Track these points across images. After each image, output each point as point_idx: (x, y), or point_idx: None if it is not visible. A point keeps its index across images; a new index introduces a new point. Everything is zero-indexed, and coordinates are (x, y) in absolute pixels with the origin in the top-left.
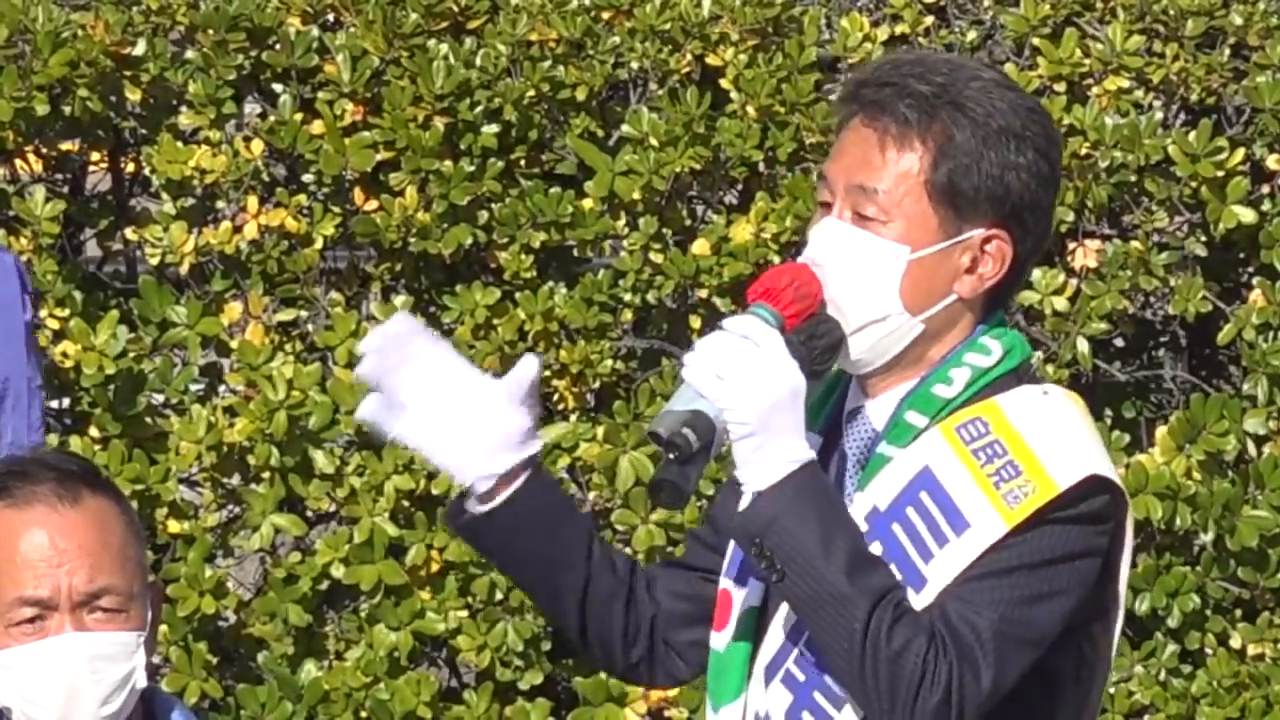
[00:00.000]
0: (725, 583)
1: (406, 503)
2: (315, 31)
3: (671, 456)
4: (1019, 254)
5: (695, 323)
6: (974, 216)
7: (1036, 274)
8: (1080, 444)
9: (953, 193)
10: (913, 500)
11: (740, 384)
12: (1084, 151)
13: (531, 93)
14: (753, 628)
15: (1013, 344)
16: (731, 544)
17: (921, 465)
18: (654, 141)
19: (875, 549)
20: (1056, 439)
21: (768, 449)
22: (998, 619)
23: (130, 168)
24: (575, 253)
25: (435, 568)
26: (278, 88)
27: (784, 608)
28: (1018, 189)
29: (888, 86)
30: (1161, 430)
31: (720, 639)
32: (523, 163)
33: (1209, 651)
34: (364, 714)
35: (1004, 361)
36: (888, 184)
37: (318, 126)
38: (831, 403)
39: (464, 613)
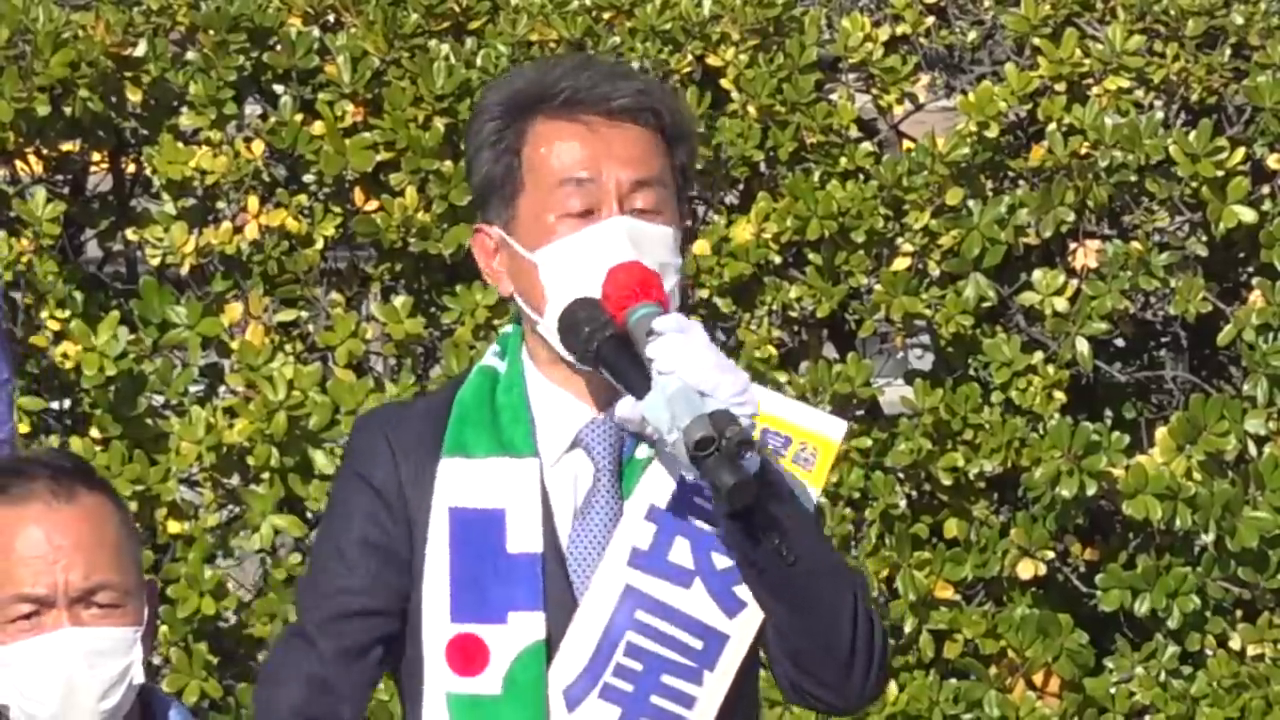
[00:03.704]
0: (462, 628)
1: None
2: (316, 32)
3: (744, 452)
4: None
5: None
6: (687, 195)
7: (1037, 274)
8: (791, 400)
9: (685, 172)
10: (697, 490)
11: (737, 375)
12: (1084, 151)
13: None
14: (544, 660)
15: None
16: (448, 584)
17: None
18: None
19: (681, 545)
20: (778, 401)
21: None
22: (858, 570)
23: (131, 168)
24: None
25: None
26: (278, 88)
27: (576, 628)
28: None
29: (620, 86)
30: (1162, 431)
31: (480, 684)
32: None
33: (1209, 652)
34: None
35: None
36: (660, 175)
37: (318, 127)
38: (528, 419)
39: None
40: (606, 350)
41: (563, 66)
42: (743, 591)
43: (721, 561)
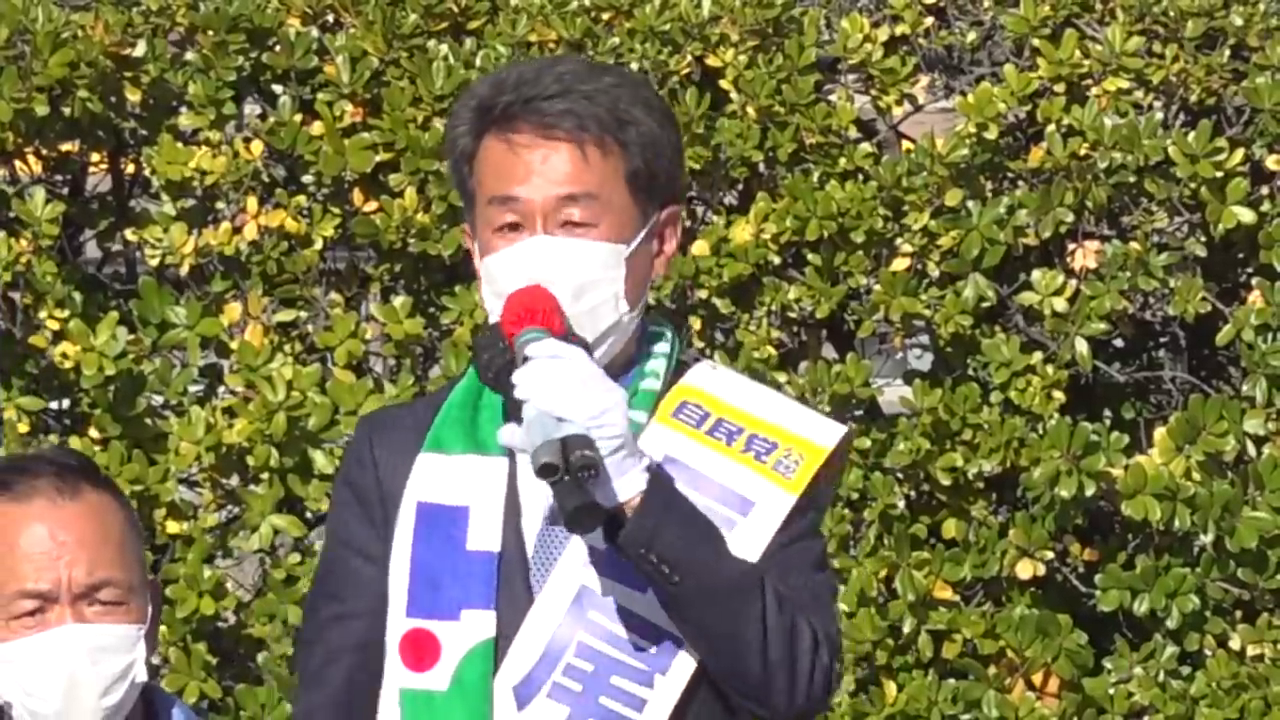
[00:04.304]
0: (416, 623)
1: None
2: (315, 32)
3: (586, 476)
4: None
5: (695, 324)
6: (659, 198)
7: (1036, 275)
8: (795, 404)
9: (648, 179)
10: None
11: (598, 398)
12: (1083, 152)
13: None
14: (492, 658)
15: (666, 323)
16: (406, 579)
17: (661, 458)
18: None
19: None
20: (777, 405)
21: (630, 457)
22: (823, 578)
23: (130, 169)
24: None
25: None
26: (277, 89)
27: (527, 627)
28: (679, 162)
29: (554, 98)
30: (1161, 431)
31: (429, 679)
32: None
33: (1208, 653)
34: None
35: (672, 343)
36: (593, 189)
37: (317, 127)
38: (504, 420)
39: None
40: (501, 376)
41: (518, 73)
42: None
43: None
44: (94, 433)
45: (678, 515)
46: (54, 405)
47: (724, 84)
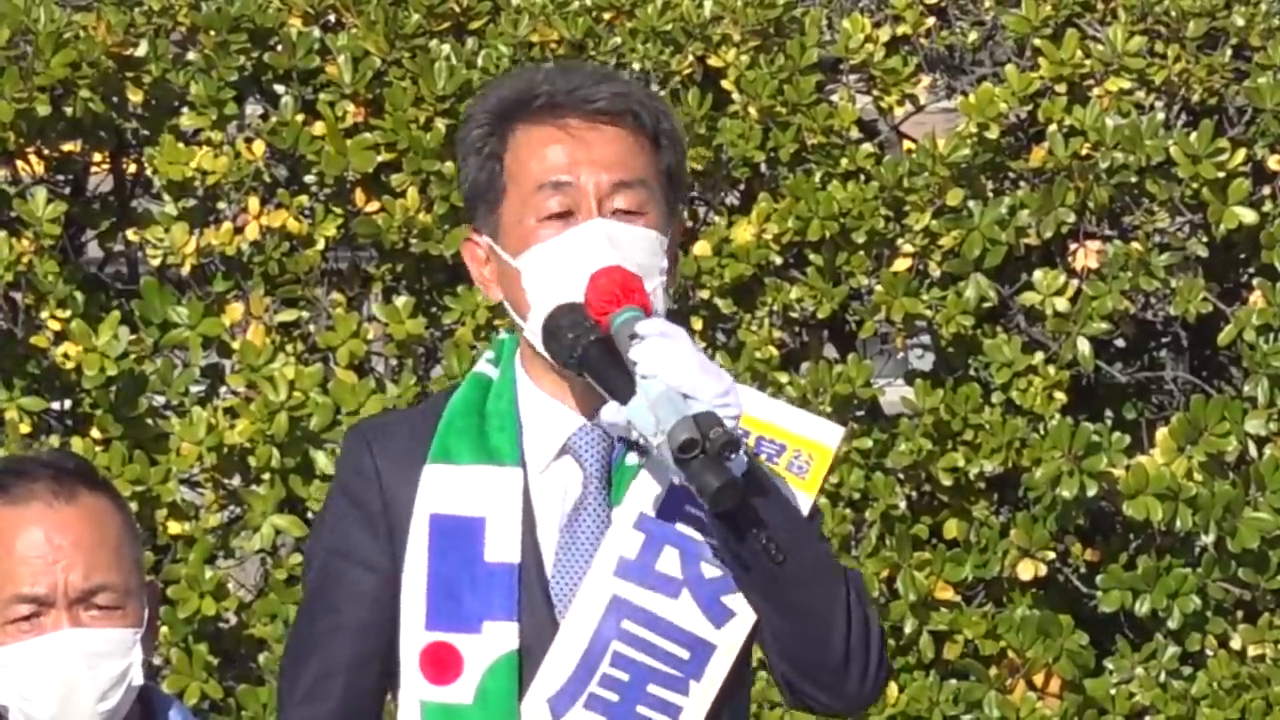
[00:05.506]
0: (436, 636)
1: None
2: (317, 32)
3: (728, 454)
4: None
5: (697, 324)
6: (678, 199)
7: (1038, 275)
8: (789, 406)
9: (678, 177)
10: (687, 497)
11: (720, 377)
12: (1085, 152)
13: None
14: (517, 670)
15: None
16: (424, 592)
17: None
18: None
19: (669, 554)
20: (774, 408)
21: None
22: (857, 576)
23: (132, 169)
24: None
25: None
26: (279, 89)
27: (562, 637)
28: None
29: (599, 86)
30: (1162, 431)
31: (453, 693)
32: None
33: (1210, 653)
34: None
35: None
36: (643, 176)
37: (319, 127)
38: (514, 427)
39: None
40: (590, 355)
41: (545, 71)
42: (730, 601)
43: (710, 571)
44: (95, 433)
45: (779, 497)
46: (55, 406)
47: (726, 84)
